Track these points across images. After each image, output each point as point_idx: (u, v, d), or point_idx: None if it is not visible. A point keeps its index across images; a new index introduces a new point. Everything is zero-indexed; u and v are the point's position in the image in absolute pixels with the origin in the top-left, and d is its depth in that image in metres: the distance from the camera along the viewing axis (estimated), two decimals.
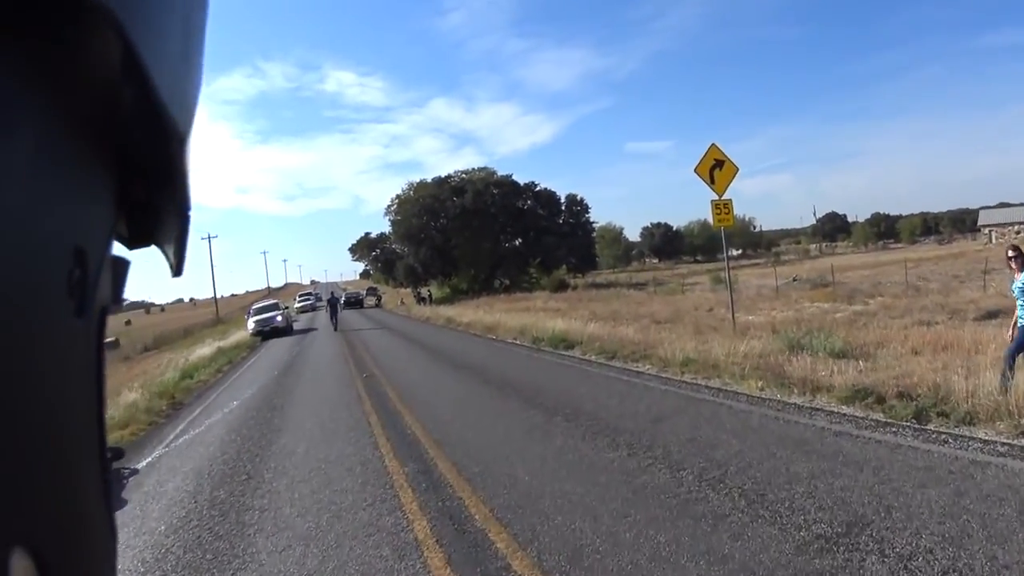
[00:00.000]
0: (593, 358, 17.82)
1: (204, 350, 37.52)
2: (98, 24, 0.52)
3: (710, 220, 20.31)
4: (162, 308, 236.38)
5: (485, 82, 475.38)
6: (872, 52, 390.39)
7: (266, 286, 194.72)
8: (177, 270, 0.85)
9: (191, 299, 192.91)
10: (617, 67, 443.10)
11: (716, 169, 19.99)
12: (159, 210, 0.76)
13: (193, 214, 0.77)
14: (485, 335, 29.29)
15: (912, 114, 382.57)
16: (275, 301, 52.06)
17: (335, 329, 44.79)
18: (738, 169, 20.15)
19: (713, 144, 20.14)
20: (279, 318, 46.27)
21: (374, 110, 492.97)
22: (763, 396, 11.46)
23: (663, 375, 14.25)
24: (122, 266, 0.75)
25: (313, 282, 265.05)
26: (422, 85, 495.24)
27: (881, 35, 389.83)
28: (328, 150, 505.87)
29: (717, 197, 19.97)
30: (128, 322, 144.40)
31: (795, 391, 11.38)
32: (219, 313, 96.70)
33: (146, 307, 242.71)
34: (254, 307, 50.96)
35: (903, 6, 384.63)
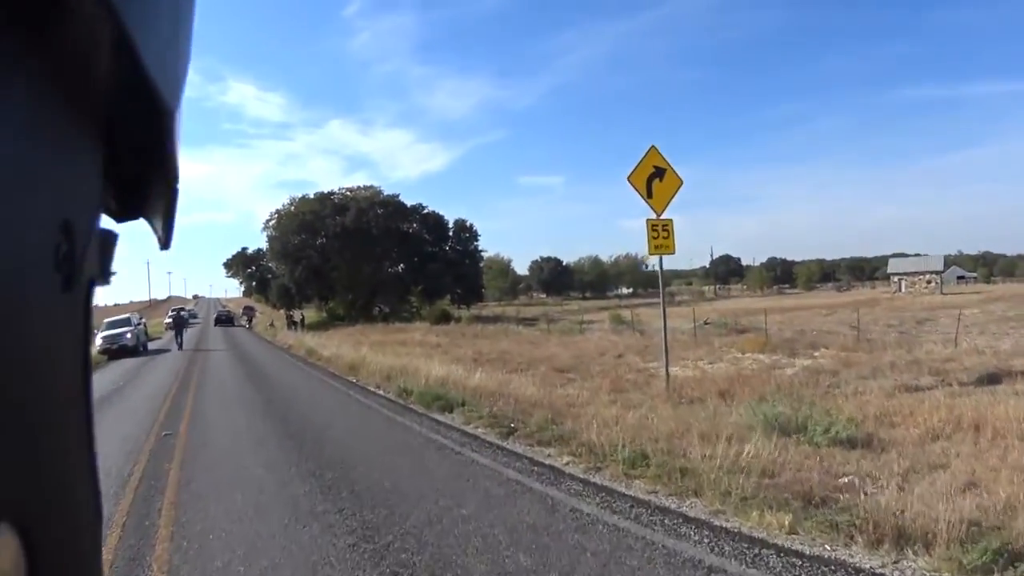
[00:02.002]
0: (481, 432, 11.98)
1: None
2: None
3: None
4: None
5: (385, 107, 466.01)
6: (774, 101, 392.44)
7: (149, 298, 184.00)
8: (165, 243, 0.84)
9: None
10: (515, 99, 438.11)
11: (656, 179, 15.07)
12: (147, 183, 0.75)
13: (181, 187, 0.78)
14: (345, 376, 23.09)
15: (812, 162, 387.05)
16: (128, 316, 46.08)
17: (179, 348, 43.36)
18: (682, 182, 15.32)
19: (653, 147, 15.23)
20: (128, 335, 41.20)
21: (272, 126, 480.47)
22: (803, 549, 6.14)
23: (597, 481, 8.60)
24: (110, 239, 0.74)
25: (196, 297, 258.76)
26: (322, 105, 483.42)
27: (785, 84, 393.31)
28: (224, 163, 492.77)
29: (655, 215, 15.07)
30: None
31: (858, 537, 6.19)
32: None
33: None
34: (105, 321, 44.68)
35: (809, 58, 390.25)
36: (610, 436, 10.09)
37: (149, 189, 0.75)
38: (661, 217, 15.06)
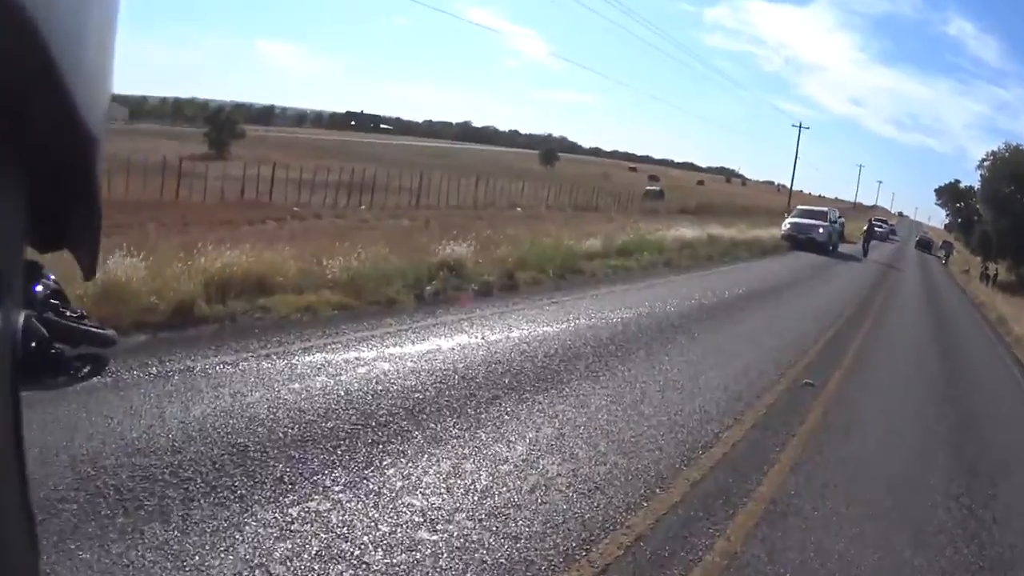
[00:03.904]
0: None
1: (712, 232, 31.04)
2: (13, 24, 0.50)
3: None
4: (743, 182, 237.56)
5: None
6: None
7: (854, 200, 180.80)
8: (89, 273, 0.79)
9: (778, 184, 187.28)
10: None
11: None
12: (70, 213, 0.72)
13: (104, 218, 0.75)
14: None
15: None
16: (827, 210, 42.98)
17: (864, 255, 40.50)
18: None
19: None
20: (821, 230, 37.95)
21: (989, 69, 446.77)
22: None
23: None
24: (35, 271, 0.74)
25: (900, 214, 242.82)
26: None
27: None
28: (944, 92, 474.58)
29: None
30: (701, 182, 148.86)
31: None
32: (789, 205, 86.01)
33: (728, 175, 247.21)
34: (798, 207, 44.15)
35: None
36: None
37: (73, 219, 0.71)
38: None
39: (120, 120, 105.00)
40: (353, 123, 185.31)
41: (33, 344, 6.28)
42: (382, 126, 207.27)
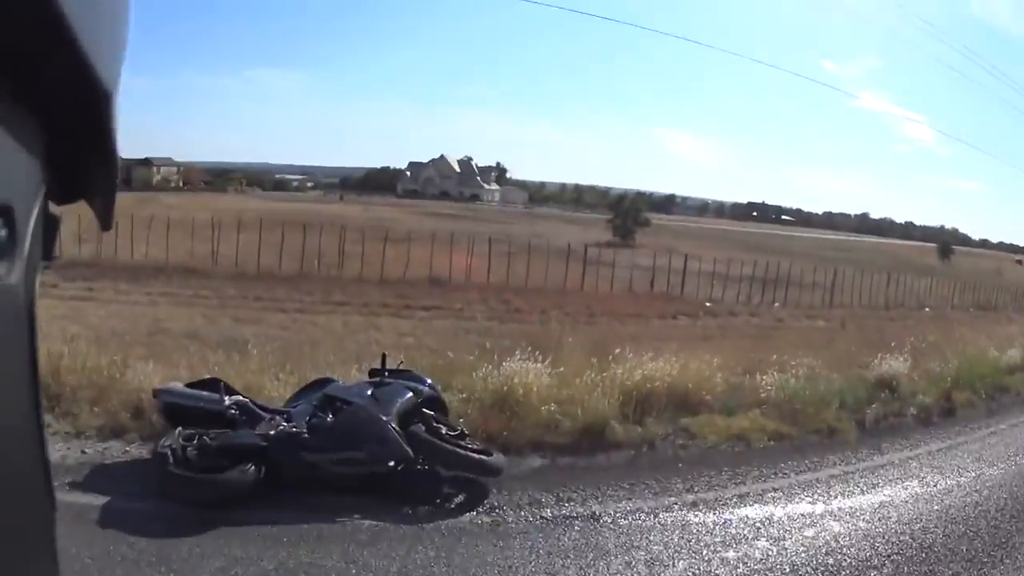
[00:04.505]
0: None
1: None
2: None
3: None
4: None
5: None
6: None
7: None
8: (105, 224, 0.82)
9: None
10: None
11: None
12: (87, 166, 0.73)
13: (120, 170, 0.76)
14: None
15: None
16: None
17: None
18: None
19: None
20: None
21: None
22: None
23: None
24: (53, 223, 0.72)
25: None
26: None
27: None
28: None
29: None
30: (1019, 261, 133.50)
31: None
32: None
33: None
34: None
35: None
36: None
37: (90, 172, 0.72)
38: None
39: (519, 203, 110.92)
40: (755, 214, 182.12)
41: (392, 463, 5.31)
42: (783, 217, 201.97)
